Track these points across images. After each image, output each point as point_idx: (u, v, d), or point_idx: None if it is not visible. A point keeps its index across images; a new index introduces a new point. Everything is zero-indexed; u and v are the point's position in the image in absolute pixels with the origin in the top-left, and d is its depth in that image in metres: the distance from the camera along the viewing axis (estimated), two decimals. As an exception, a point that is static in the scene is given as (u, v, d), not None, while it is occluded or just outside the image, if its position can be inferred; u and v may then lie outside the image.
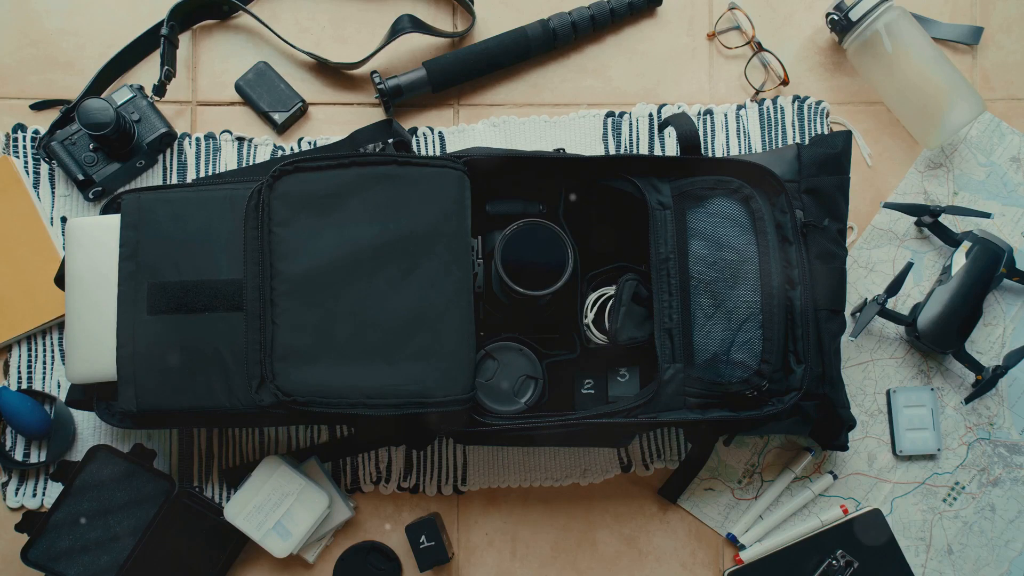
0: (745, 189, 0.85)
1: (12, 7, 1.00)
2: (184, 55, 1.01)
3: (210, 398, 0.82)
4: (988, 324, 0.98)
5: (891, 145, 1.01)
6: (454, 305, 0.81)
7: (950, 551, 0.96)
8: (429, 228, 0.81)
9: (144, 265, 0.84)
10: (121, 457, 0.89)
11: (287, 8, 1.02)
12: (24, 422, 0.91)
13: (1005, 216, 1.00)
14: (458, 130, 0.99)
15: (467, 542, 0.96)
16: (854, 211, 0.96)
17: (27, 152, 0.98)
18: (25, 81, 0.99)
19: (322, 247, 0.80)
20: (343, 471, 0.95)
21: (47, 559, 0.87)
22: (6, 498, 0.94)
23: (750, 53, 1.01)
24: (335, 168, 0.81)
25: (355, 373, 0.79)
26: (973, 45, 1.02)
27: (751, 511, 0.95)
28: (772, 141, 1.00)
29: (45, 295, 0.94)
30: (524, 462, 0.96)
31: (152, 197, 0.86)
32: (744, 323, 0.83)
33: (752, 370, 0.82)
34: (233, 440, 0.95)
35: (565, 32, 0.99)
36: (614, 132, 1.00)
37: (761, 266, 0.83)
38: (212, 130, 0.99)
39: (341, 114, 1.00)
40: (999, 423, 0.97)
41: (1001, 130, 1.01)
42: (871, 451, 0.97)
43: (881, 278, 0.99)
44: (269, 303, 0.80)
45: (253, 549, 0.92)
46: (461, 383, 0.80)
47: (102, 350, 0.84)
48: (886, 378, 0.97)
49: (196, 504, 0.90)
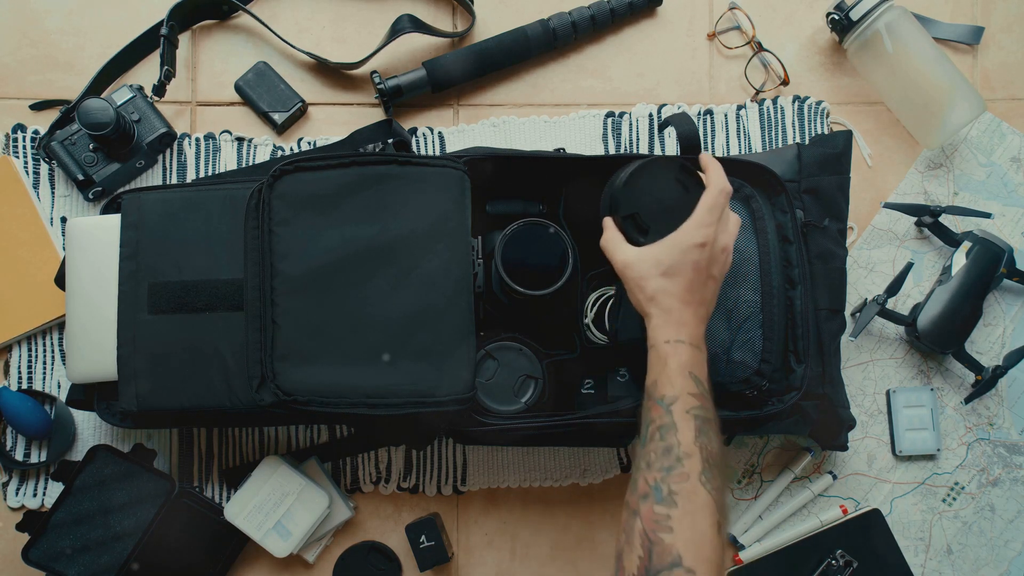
0: (745, 189, 0.85)
1: (12, 7, 1.00)
2: (184, 55, 1.01)
3: (210, 397, 0.82)
4: (988, 324, 0.98)
5: (891, 145, 1.01)
6: (454, 305, 0.81)
7: (949, 551, 0.96)
8: (429, 228, 0.81)
9: (144, 265, 0.84)
10: (121, 457, 0.89)
11: (287, 8, 1.02)
12: (24, 422, 0.91)
13: (1005, 216, 1.00)
14: (458, 130, 0.99)
15: (467, 542, 0.96)
16: (854, 211, 0.96)
17: (27, 152, 0.98)
18: (25, 81, 0.99)
19: (323, 247, 0.80)
20: (343, 471, 0.95)
21: (48, 559, 0.87)
22: (7, 498, 0.94)
23: (750, 53, 1.01)
24: (336, 168, 0.81)
25: (355, 373, 0.79)
26: (974, 45, 1.02)
27: (751, 511, 0.95)
28: (772, 141, 1.00)
29: (45, 295, 0.93)
30: (524, 462, 0.96)
31: (152, 197, 0.86)
32: (744, 323, 0.83)
33: (752, 370, 0.82)
34: (233, 440, 0.95)
35: (565, 32, 0.99)
36: (614, 132, 1.00)
37: (761, 265, 0.83)
38: (212, 130, 0.99)
39: (341, 114, 1.00)
40: (999, 423, 0.97)
41: (1002, 130, 1.01)
42: (871, 451, 0.97)
43: (881, 278, 0.99)
44: (270, 303, 0.80)
45: (253, 549, 0.92)
46: (461, 383, 0.80)
47: (102, 350, 0.84)
48: (886, 378, 0.97)
49: (196, 504, 0.90)
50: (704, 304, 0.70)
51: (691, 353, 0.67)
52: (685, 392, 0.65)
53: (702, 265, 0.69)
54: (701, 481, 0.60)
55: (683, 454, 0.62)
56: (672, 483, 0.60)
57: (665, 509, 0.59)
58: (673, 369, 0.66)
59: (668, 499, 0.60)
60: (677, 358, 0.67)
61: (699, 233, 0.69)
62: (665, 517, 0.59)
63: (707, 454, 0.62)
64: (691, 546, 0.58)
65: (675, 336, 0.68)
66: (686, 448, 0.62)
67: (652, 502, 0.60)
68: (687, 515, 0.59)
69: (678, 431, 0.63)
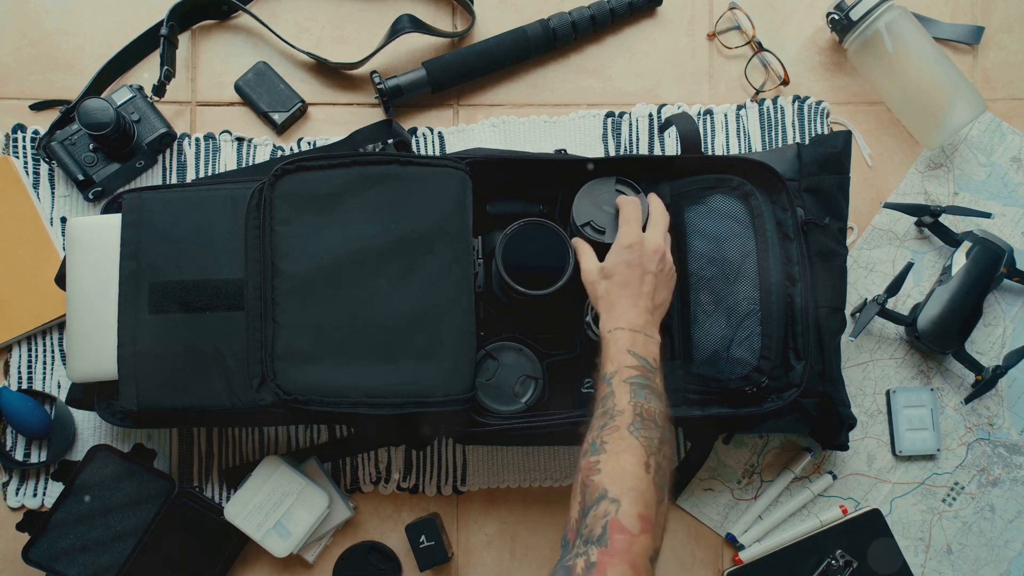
0: (745, 186, 0.85)
1: (12, 7, 1.00)
2: (184, 55, 1.01)
3: (211, 397, 0.82)
4: (988, 324, 0.98)
5: (891, 145, 1.01)
6: (455, 305, 0.81)
7: (949, 551, 0.96)
8: (430, 228, 0.81)
9: (145, 265, 0.84)
10: (121, 457, 0.89)
11: (287, 8, 1.02)
12: (24, 422, 0.91)
13: (1005, 216, 1.00)
14: (458, 130, 0.99)
15: (467, 542, 0.96)
16: (854, 211, 0.96)
17: (27, 152, 0.98)
18: (25, 81, 0.99)
19: (324, 246, 0.81)
20: (343, 471, 0.95)
21: (48, 558, 0.87)
22: (7, 498, 0.94)
23: (750, 53, 1.01)
24: (337, 167, 0.82)
25: (356, 372, 0.79)
26: (974, 45, 1.02)
27: (750, 511, 0.95)
28: (772, 141, 1.00)
29: (45, 295, 0.94)
30: (524, 462, 0.96)
31: (153, 197, 0.86)
32: (744, 319, 0.83)
33: (751, 366, 0.82)
34: (233, 440, 0.95)
35: (565, 32, 0.99)
36: (614, 132, 1.00)
37: (760, 263, 0.83)
38: (212, 130, 0.99)
39: (341, 114, 1.00)
40: (999, 423, 0.97)
41: (1002, 130, 1.01)
42: (871, 451, 0.97)
43: (881, 278, 0.99)
44: (270, 302, 0.80)
45: (253, 549, 0.92)
46: (461, 383, 0.80)
47: (103, 349, 0.84)
48: (886, 378, 0.97)
49: (196, 504, 0.90)
50: (644, 296, 0.77)
51: (630, 336, 0.75)
52: (623, 366, 0.73)
53: (634, 262, 0.78)
54: (630, 431, 0.67)
55: (616, 412, 0.69)
56: (604, 436, 0.68)
57: (596, 457, 0.66)
58: (614, 351, 0.74)
59: (599, 448, 0.67)
60: (616, 342, 0.75)
61: (625, 237, 0.80)
62: (596, 463, 0.66)
63: (640, 410, 0.69)
64: (616, 480, 0.64)
65: (615, 324, 0.76)
66: (620, 407, 0.69)
67: (588, 455, 0.67)
68: (612, 456, 0.66)
69: (615, 397, 0.71)
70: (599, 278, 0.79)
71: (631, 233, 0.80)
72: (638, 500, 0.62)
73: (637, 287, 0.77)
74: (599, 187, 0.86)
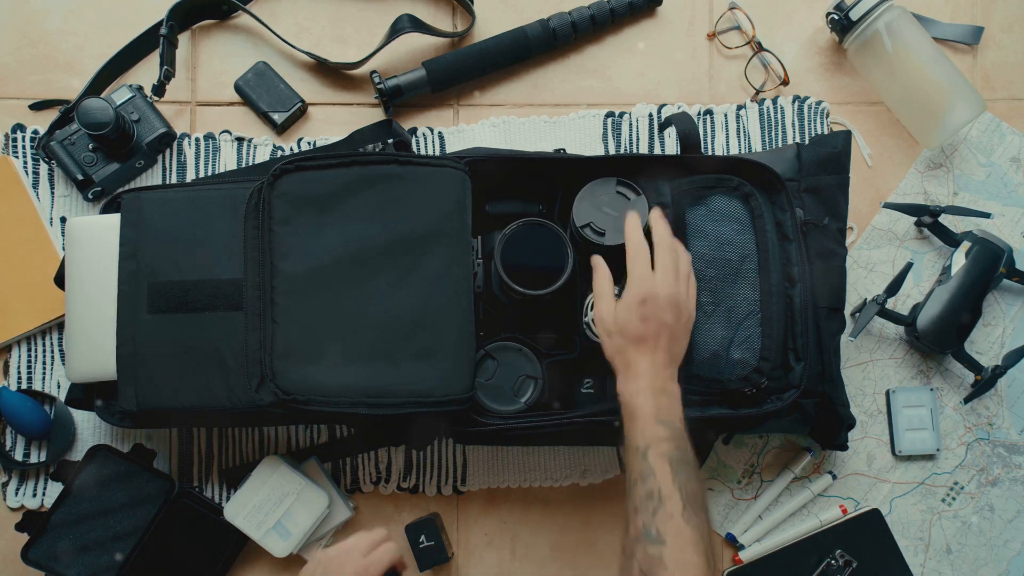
0: (745, 187, 0.85)
1: (12, 7, 1.00)
2: (183, 55, 1.01)
3: (210, 397, 0.82)
4: (988, 324, 0.98)
5: (891, 145, 1.01)
6: (454, 305, 0.81)
7: (949, 551, 0.96)
8: (430, 228, 0.81)
9: (144, 264, 0.84)
10: (121, 457, 0.89)
11: (287, 8, 1.02)
12: (24, 422, 0.91)
13: (1005, 216, 1.00)
14: (458, 130, 0.99)
15: (467, 542, 0.96)
16: (854, 211, 0.96)
17: (26, 152, 0.98)
18: (24, 81, 0.99)
19: (323, 246, 0.80)
20: (343, 471, 0.95)
21: (47, 559, 0.87)
22: (6, 498, 0.94)
23: (750, 53, 1.01)
24: (337, 167, 0.82)
25: (355, 372, 0.79)
26: (974, 45, 1.02)
27: (750, 511, 0.95)
28: (772, 141, 1.00)
29: (45, 295, 0.93)
30: (524, 462, 0.96)
31: (152, 197, 0.86)
32: (744, 320, 0.83)
33: (751, 367, 0.82)
34: (233, 440, 0.95)
35: (565, 32, 0.99)
36: (614, 132, 1.00)
37: (760, 263, 0.83)
38: (212, 130, 0.99)
39: (341, 114, 1.00)
40: (998, 423, 0.97)
41: (1001, 130, 1.01)
42: (870, 451, 0.97)
43: (881, 278, 0.99)
44: (270, 302, 0.80)
45: (253, 549, 0.92)
46: (461, 383, 0.80)
47: (102, 349, 0.84)
48: (885, 378, 0.97)
49: (196, 504, 0.90)
50: (661, 351, 0.74)
51: (654, 403, 0.72)
52: (655, 439, 0.70)
53: (649, 317, 0.74)
54: (684, 520, 0.66)
55: (664, 496, 0.67)
56: (659, 524, 0.66)
57: (657, 549, 0.65)
58: (642, 422, 0.71)
59: (657, 538, 0.66)
60: (642, 410, 0.72)
61: (637, 288, 0.75)
62: (659, 557, 0.65)
63: (686, 493, 0.68)
64: None
65: (635, 389, 0.73)
66: (666, 491, 0.68)
67: (645, 544, 0.66)
68: (675, 551, 0.65)
69: (656, 475, 0.68)
70: (613, 330, 0.75)
71: (642, 282, 0.75)
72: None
73: (653, 342, 0.74)
74: (599, 188, 0.85)
